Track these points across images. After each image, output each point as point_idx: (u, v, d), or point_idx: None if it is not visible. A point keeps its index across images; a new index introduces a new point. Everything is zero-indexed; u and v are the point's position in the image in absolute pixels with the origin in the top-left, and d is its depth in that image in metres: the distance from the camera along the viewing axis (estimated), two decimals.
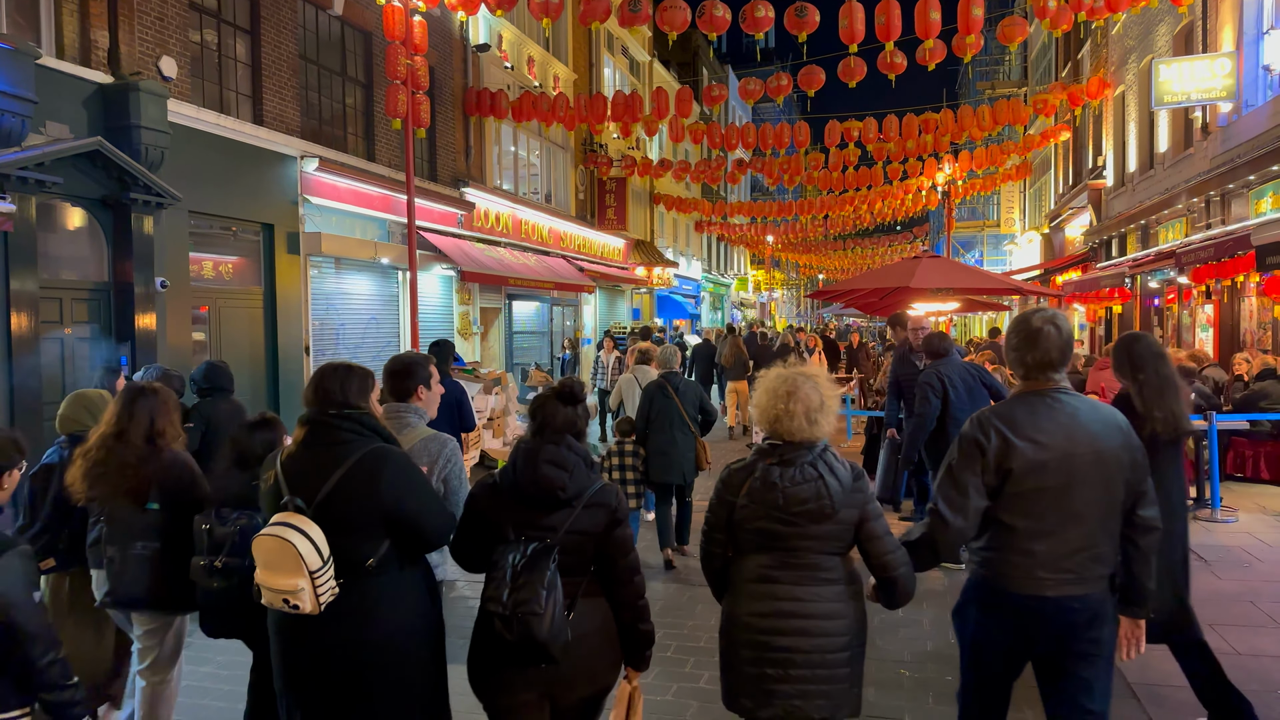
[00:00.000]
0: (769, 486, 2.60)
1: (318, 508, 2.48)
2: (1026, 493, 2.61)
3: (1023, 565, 2.64)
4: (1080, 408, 2.67)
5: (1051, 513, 2.61)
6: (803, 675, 2.59)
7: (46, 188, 8.08)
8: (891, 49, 13.11)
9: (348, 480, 2.50)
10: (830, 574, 2.63)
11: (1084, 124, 23.04)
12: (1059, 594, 2.61)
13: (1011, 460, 2.59)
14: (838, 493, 2.58)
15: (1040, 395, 2.68)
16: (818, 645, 2.59)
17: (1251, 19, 12.53)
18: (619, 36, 25.62)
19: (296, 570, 2.37)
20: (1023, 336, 2.70)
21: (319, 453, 2.56)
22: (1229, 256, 10.61)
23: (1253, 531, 7.22)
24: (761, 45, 49.88)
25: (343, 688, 2.49)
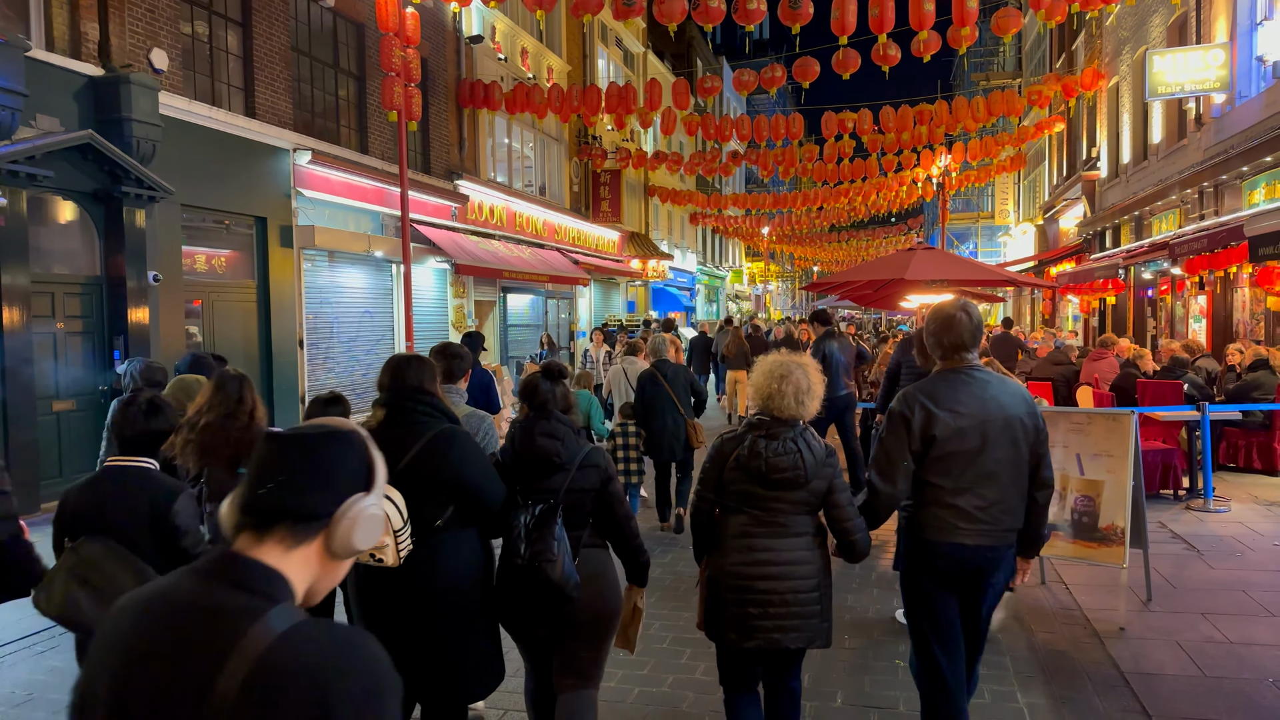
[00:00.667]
0: (754, 455, 3.02)
1: (397, 477, 2.80)
2: (948, 455, 3.04)
3: (946, 518, 3.07)
4: (990, 382, 3.12)
5: (969, 471, 3.04)
6: (779, 612, 3.03)
7: (37, 181, 8.03)
8: (885, 40, 13.09)
9: (422, 455, 2.93)
10: (800, 529, 3.09)
11: (1078, 115, 23.05)
12: (976, 543, 3.07)
13: (934, 428, 3.02)
14: (811, 465, 3.01)
15: (957, 372, 3.12)
16: (791, 587, 3.04)
17: (1245, 10, 12.55)
18: (613, 28, 25.53)
19: (384, 529, 2.56)
20: (940, 323, 3.13)
21: (397, 431, 2.97)
22: (1222, 248, 10.65)
23: (1245, 521, 7.26)
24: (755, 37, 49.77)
25: (414, 626, 2.94)
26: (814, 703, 4.15)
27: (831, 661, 4.60)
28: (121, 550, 2.94)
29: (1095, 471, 5.27)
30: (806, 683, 4.34)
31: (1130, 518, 5.11)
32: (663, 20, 12.76)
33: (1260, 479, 8.90)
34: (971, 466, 3.04)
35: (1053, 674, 4.43)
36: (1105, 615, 5.15)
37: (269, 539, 1.30)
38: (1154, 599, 5.41)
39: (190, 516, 3.08)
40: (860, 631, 5.06)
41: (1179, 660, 4.55)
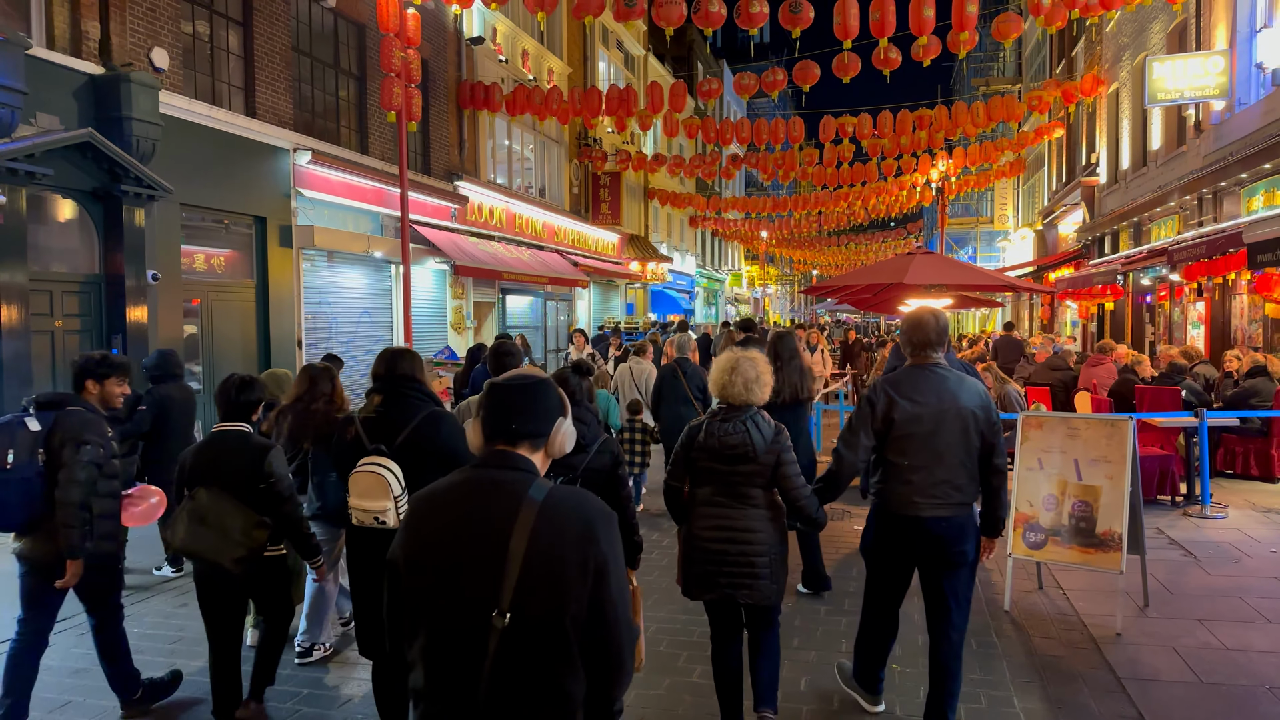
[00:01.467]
0: (710, 435, 3.56)
1: (395, 451, 3.39)
2: (905, 437, 3.55)
3: (904, 492, 3.58)
4: (949, 377, 3.61)
5: (923, 452, 3.54)
6: (733, 571, 3.53)
7: (36, 179, 8.03)
8: (886, 45, 13.11)
9: (416, 432, 3.43)
10: (756, 501, 3.56)
11: (1078, 121, 23.09)
12: (930, 515, 3.56)
13: (894, 413, 3.55)
14: (759, 443, 3.50)
15: (922, 368, 3.64)
16: (742, 551, 3.53)
17: (1245, 17, 12.57)
18: (614, 30, 25.56)
19: (385, 495, 3.31)
20: (911, 325, 3.68)
21: (394, 413, 3.48)
22: (1220, 254, 10.66)
23: (1242, 527, 7.26)
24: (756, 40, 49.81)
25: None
26: (810, 706, 4.15)
27: (828, 666, 4.60)
28: (227, 496, 3.70)
29: (1093, 477, 5.27)
30: (802, 686, 4.36)
31: (1128, 523, 5.11)
32: (661, 23, 12.77)
33: (1258, 486, 8.91)
34: (925, 448, 3.54)
35: (1050, 679, 4.42)
36: (1102, 621, 5.14)
37: (519, 447, 1.97)
38: (1151, 605, 5.41)
39: (281, 465, 3.85)
40: None
41: (1176, 666, 4.55)
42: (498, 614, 1.77)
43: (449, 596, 1.81)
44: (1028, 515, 5.45)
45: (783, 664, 3.98)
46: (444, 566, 1.83)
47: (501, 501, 1.85)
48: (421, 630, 1.84)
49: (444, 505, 1.90)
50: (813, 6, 12.64)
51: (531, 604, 1.78)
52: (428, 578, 1.84)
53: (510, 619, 1.76)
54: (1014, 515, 5.51)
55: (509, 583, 1.78)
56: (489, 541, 1.81)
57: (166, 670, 4.45)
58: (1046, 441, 5.47)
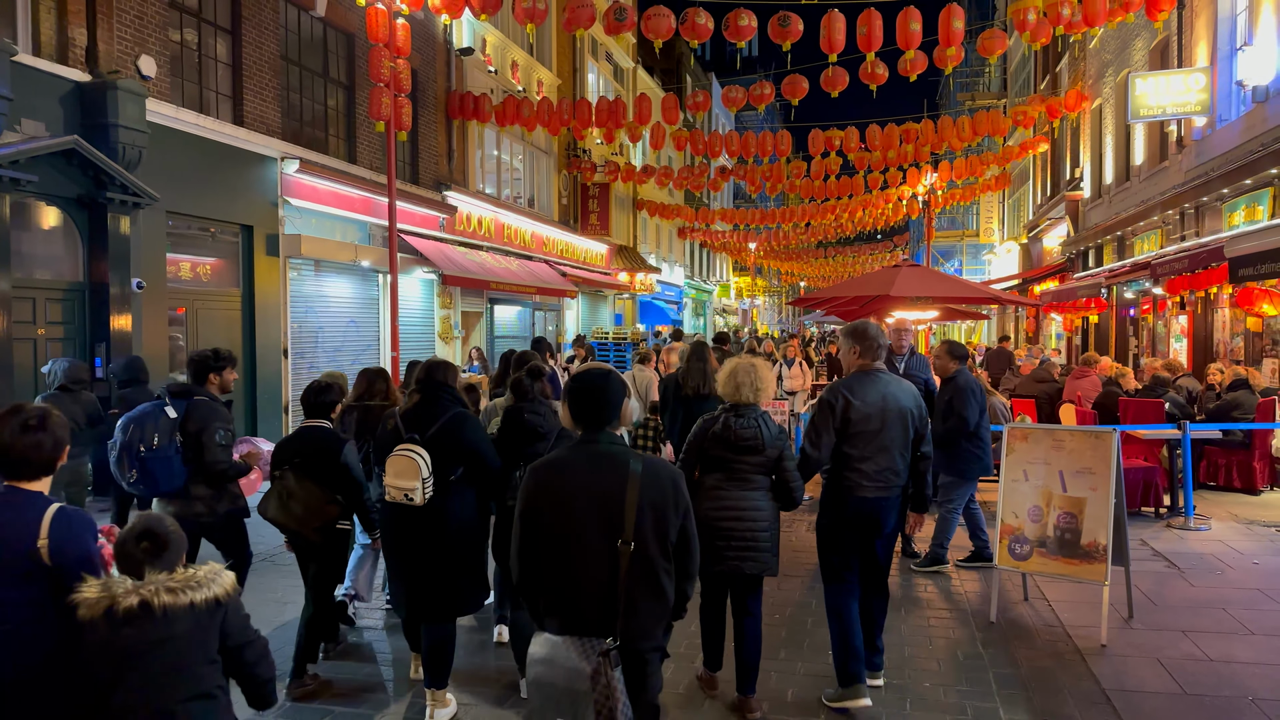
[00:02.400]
0: (727, 428, 4.06)
1: (426, 442, 4.03)
2: (858, 433, 4.19)
3: (854, 478, 4.22)
4: (890, 381, 4.30)
5: (871, 445, 4.20)
6: (738, 545, 4.03)
7: (21, 186, 7.96)
8: (873, 59, 13.22)
9: (444, 428, 4.08)
10: (757, 485, 4.10)
11: (1062, 136, 23.33)
12: (874, 496, 4.22)
13: (850, 412, 4.19)
14: (768, 437, 4.06)
15: (867, 373, 4.30)
16: (747, 528, 4.04)
17: (1225, 35, 12.76)
18: (603, 42, 25.66)
19: (415, 476, 3.93)
20: (857, 337, 4.35)
21: (427, 410, 4.15)
22: (1203, 268, 10.77)
23: (1225, 539, 7.32)
24: (744, 54, 50.12)
25: (430, 551, 4.06)
26: (797, 719, 4.14)
27: (815, 673, 4.59)
28: (308, 480, 4.44)
29: (1078, 489, 5.30)
30: (789, 697, 4.36)
31: (1112, 535, 5.14)
32: (650, 36, 12.84)
33: (1240, 497, 8.98)
34: (873, 441, 4.19)
35: (1036, 691, 4.43)
36: (1087, 632, 5.16)
37: (608, 428, 2.79)
38: (1135, 616, 5.43)
39: (352, 456, 4.61)
40: None
41: (1160, 677, 4.57)
42: (622, 542, 2.64)
43: (589, 532, 2.66)
44: (1013, 527, 5.47)
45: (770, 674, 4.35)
46: (579, 513, 2.67)
47: (615, 468, 2.71)
48: (557, 555, 2.69)
49: (570, 470, 2.74)
50: (801, 20, 12.74)
51: (646, 535, 2.68)
52: (567, 521, 2.67)
53: (634, 546, 2.65)
54: (1000, 527, 5.53)
55: (630, 522, 2.64)
56: (612, 496, 2.67)
57: None
58: (1032, 453, 5.50)
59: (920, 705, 4.29)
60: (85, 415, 6.51)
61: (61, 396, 6.44)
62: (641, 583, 2.69)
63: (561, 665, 2.63)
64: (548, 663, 2.66)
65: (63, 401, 6.45)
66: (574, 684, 2.58)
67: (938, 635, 5.23)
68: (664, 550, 2.72)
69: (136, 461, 4.43)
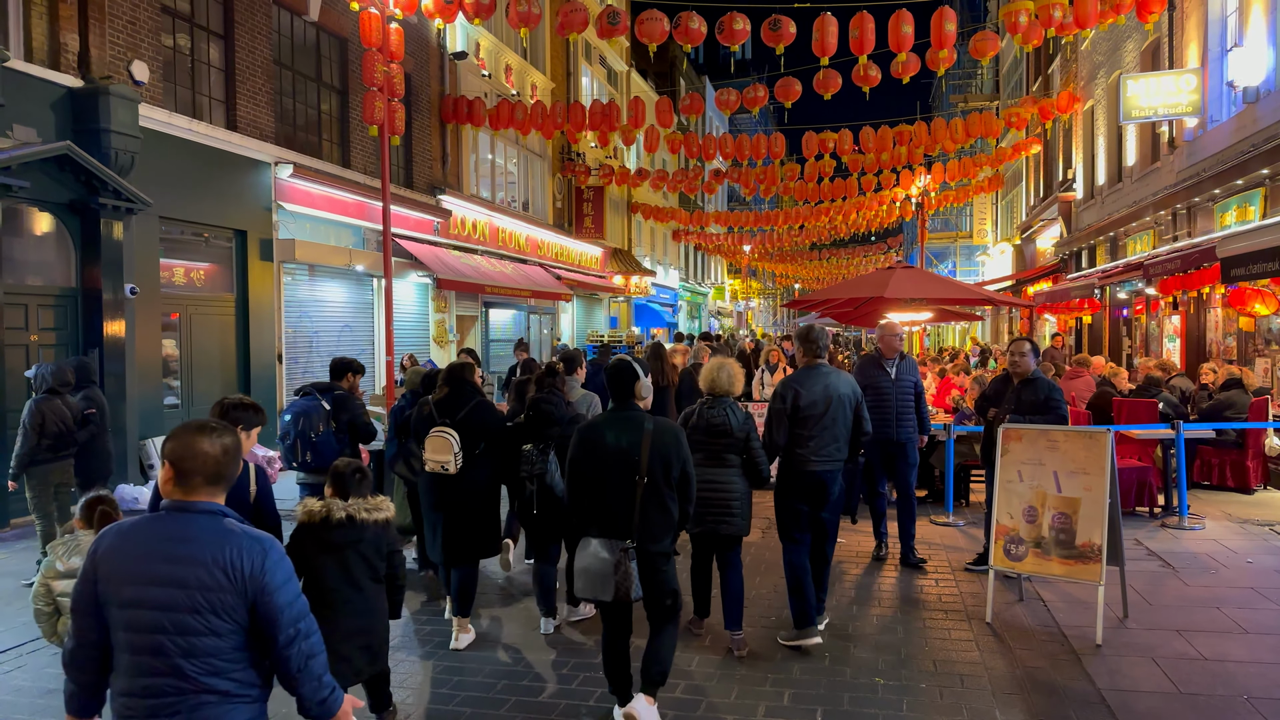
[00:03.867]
0: (701, 416, 4.96)
1: (456, 424, 5.12)
2: (806, 417, 5.13)
3: (803, 454, 5.14)
4: (830, 373, 5.27)
5: (816, 426, 5.14)
6: (716, 511, 4.92)
7: (13, 192, 7.94)
8: (865, 62, 13.25)
9: (469, 412, 5.20)
10: (731, 463, 4.95)
11: (1054, 137, 23.41)
12: (819, 469, 5.15)
13: (799, 401, 5.14)
14: (735, 423, 4.89)
15: (813, 368, 5.29)
16: (722, 498, 4.92)
17: (1216, 37, 12.82)
18: (597, 46, 25.68)
19: (448, 451, 5.03)
20: (804, 340, 5.40)
21: (455, 400, 5.24)
22: (1195, 268, 10.80)
23: (1218, 538, 7.34)
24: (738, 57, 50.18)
25: (460, 507, 5.16)
26: None
27: (813, 676, 4.60)
28: (413, 444, 5.48)
29: (1072, 489, 5.31)
30: (786, 700, 4.36)
31: (1107, 535, 5.15)
32: (644, 40, 12.85)
33: (1234, 496, 9.01)
34: (818, 424, 5.14)
35: (1030, 691, 4.44)
36: (1082, 632, 5.17)
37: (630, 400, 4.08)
38: (1130, 616, 5.45)
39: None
40: (842, 648, 5.06)
41: (1155, 677, 4.58)
42: (639, 477, 3.89)
43: (617, 470, 3.91)
44: (1008, 527, 5.48)
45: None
46: (610, 458, 3.93)
47: (634, 427, 3.98)
48: (596, 486, 3.95)
49: (604, 429, 4.01)
50: (794, 23, 12.77)
51: (655, 472, 3.91)
52: (603, 463, 3.94)
53: (646, 479, 3.89)
54: (995, 527, 5.54)
55: (644, 463, 3.89)
56: (632, 445, 3.92)
57: None
58: (1026, 454, 5.51)
59: (916, 706, 4.29)
60: (73, 417, 6.62)
61: (52, 399, 6.57)
62: (652, 505, 3.93)
63: (596, 557, 3.90)
64: (589, 556, 3.92)
65: (53, 405, 6.55)
66: (604, 569, 3.87)
67: (934, 635, 5.23)
68: (669, 483, 3.97)
69: (309, 446, 5.70)
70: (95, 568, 2.23)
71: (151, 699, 2.17)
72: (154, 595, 2.16)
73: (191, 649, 2.16)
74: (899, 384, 6.80)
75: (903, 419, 6.78)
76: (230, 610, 2.18)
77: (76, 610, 2.27)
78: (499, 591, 6.25)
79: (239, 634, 2.22)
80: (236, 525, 2.28)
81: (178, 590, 2.15)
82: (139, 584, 2.17)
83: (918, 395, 6.90)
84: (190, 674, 2.17)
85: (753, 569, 6.42)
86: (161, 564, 2.18)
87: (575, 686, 4.59)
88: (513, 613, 5.80)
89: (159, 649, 2.16)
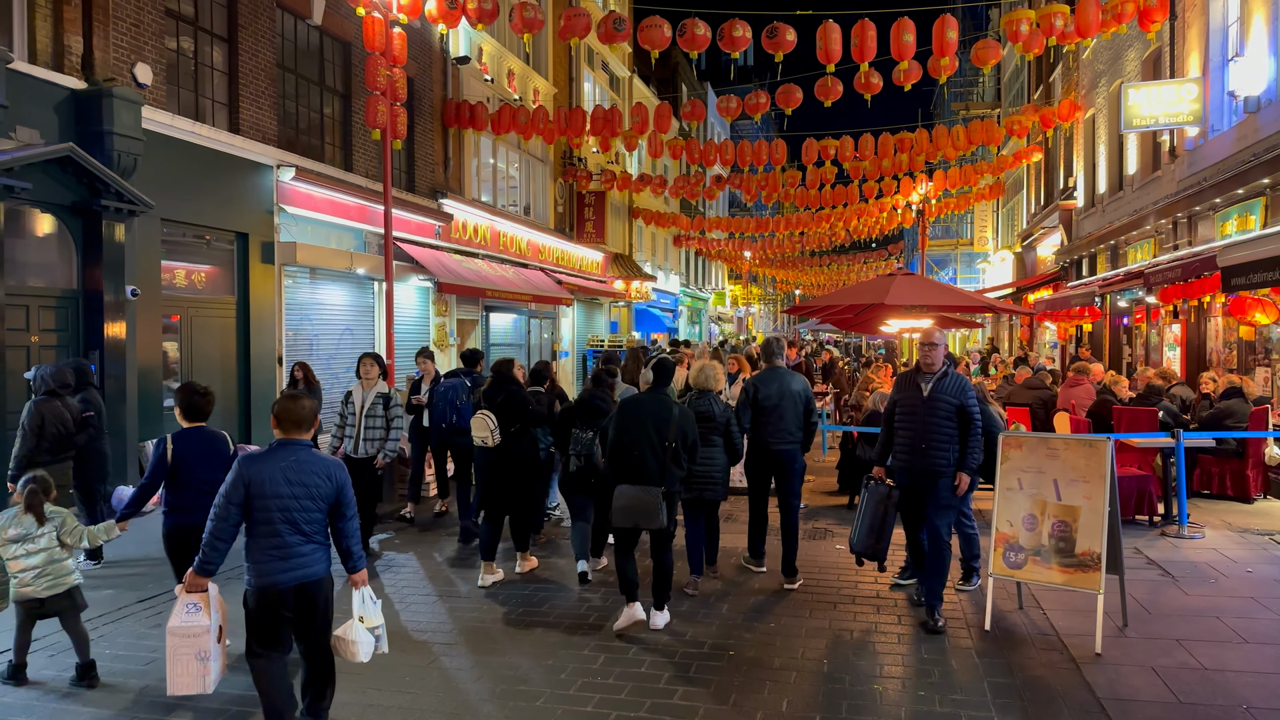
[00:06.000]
0: (690, 406, 6.17)
1: (496, 407, 6.59)
2: (765, 409, 6.58)
3: (765, 435, 6.60)
4: (785, 374, 6.70)
5: (774, 415, 6.58)
6: (702, 482, 6.33)
7: (15, 193, 7.95)
8: (867, 69, 13.28)
9: (507, 398, 6.63)
10: (714, 443, 6.34)
11: (1055, 145, 23.44)
12: (777, 448, 6.57)
13: (758, 395, 6.59)
14: (717, 412, 6.35)
15: (772, 370, 6.75)
16: (706, 471, 6.31)
17: (1217, 46, 12.84)
18: (599, 52, 25.73)
19: (488, 429, 6.52)
20: (764, 350, 7.07)
21: (497, 390, 6.69)
22: (1196, 277, 10.81)
23: (1218, 547, 7.33)
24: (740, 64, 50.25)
25: (506, 474, 6.61)
26: None
27: (812, 683, 4.59)
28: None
29: (1072, 497, 5.31)
30: (784, 707, 4.36)
31: (1106, 543, 5.14)
32: (647, 46, 12.89)
33: (1233, 506, 9.00)
34: (775, 413, 6.58)
35: (1030, 700, 4.43)
36: (1082, 641, 5.17)
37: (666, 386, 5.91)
38: (1130, 625, 5.44)
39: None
40: (841, 656, 5.05)
41: (1154, 686, 4.57)
42: (668, 442, 5.50)
43: (649, 437, 5.50)
44: (1008, 535, 5.48)
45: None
46: (644, 429, 5.52)
47: (666, 406, 5.61)
48: (629, 448, 5.51)
49: (643, 404, 5.68)
50: (795, 31, 12.80)
51: (676, 440, 5.52)
52: (637, 430, 5.52)
53: (673, 445, 5.50)
54: (994, 535, 5.53)
55: (672, 434, 5.50)
56: (662, 419, 5.53)
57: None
58: (1026, 462, 5.51)
59: (915, 714, 4.28)
60: (73, 418, 6.62)
61: (51, 401, 6.57)
62: (674, 463, 5.55)
63: (632, 496, 5.48)
64: (626, 495, 5.50)
65: (52, 406, 6.55)
66: (644, 501, 5.45)
67: (932, 644, 5.22)
68: (684, 448, 5.62)
69: (455, 411, 8.15)
70: (245, 478, 3.76)
71: (280, 552, 3.80)
72: (285, 491, 3.81)
73: (308, 520, 3.84)
74: (932, 404, 5.64)
75: (933, 446, 5.60)
76: (325, 498, 3.89)
77: (231, 504, 3.75)
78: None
79: (325, 512, 3.91)
80: (320, 453, 3.98)
81: (300, 488, 3.82)
82: (282, 487, 3.80)
83: (964, 420, 5.64)
84: (307, 533, 3.84)
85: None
86: (290, 474, 3.82)
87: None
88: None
89: (291, 522, 3.80)
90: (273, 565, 3.75)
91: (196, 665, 3.80)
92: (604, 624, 5.62)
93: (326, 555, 3.92)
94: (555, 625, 5.66)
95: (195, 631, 3.79)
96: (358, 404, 7.41)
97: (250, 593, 3.80)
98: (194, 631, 3.79)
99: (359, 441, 7.33)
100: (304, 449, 3.89)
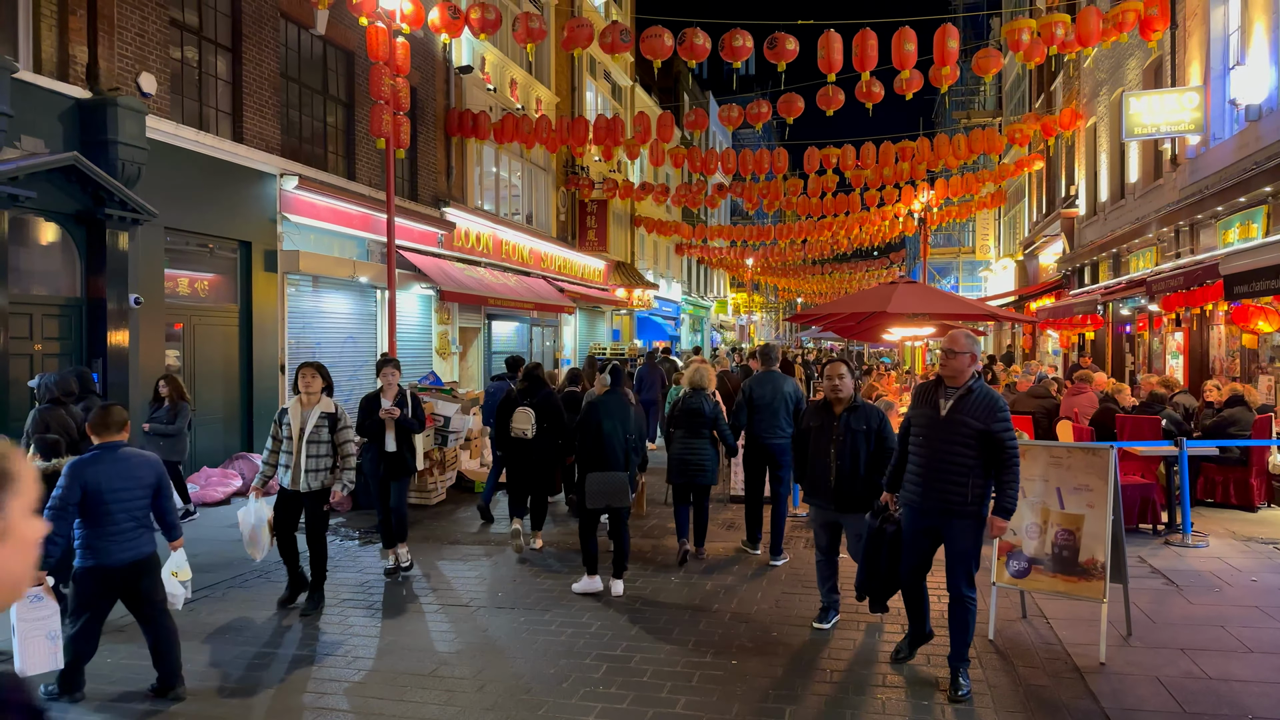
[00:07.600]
0: (685, 402, 7.49)
1: (531, 405, 7.67)
2: (758, 407, 7.45)
3: (758, 430, 7.44)
4: (777, 377, 7.63)
5: (766, 411, 7.43)
6: (693, 470, 7.38)
7: (19, 202, 7.98)
8: (868, 78, 13.31)
9: (538, 400, 7.74)
10: (705, 437, 7.43)
11: (1057, 154, 23.47)
12: (768, 442, 7.47)
13: (753, 395, 7.48)
14: (707, 408, 7.42)
15: (767, 372, 7.71)
16: (698, 459, 7.38)
17: (1218, 55, 12.87)
18: (601, 61, 25.82)
19: (528, 423, 7.62)
20: (760, 355, 8.34)
21: (531, 390, 7.81)
22: (1198, 285, 10.80)
23: (1223, 556, 7.31)
24: (741, 73, 50.41)
25: (533, 462, 7.74)
26: None
27: (817, 693, 4.57)
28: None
29: (1075, 505, 5.30)
30: (787, 717, 4.34)
31: (1110, 552, 5.13)
32: (649, 56, 12.93)
33: (1237, 514, 8.98)
34: (768, 410, 7.41)
35: (1034, 709, 4.41)
36: (1086, 650, 5.15)
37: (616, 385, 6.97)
38: (1134, 634, 5.42)
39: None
40: (846, 666, 5.03)
41: (1159, 696, 4.55)
42: (629, 435, 6.63)
43: (615, 430, 6.57)
44: (1011, 544, 5.46)
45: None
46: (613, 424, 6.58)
47: (623, 405, 6.73)
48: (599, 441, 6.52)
49: (607, 405, 6.68)
50: (797, 41, 12.84)
51: (635, 433, 6.72)
52: (608, 425, 6.55)
53: (631, 439, 6.64)
54: (998, 544, 5.52)
55: (633, 427, 6.70)
56: (625, 416, 6.68)
57: None
58: (1030, 470, 5.50)
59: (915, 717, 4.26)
60: (76, 426, 6.65)
61: (55, 409, 6.59)
62: (634, 452, 6.63)
63: (603, 480, 6.42)
64: (599, 480, 6.42)
65: (56, 414, 6.58)
66: (616, 483, 6.42)
67: (936, 652, 5.20)
68: (640, 441, 6.75)
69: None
70: (80, 479, 4.40)
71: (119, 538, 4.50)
72: (121, 486, 4.51)
73: (140, 508, 4.58)
74: (950, 426, 4.61)
75: (944, 478, 4.60)
76: (150, 485, 4.62)
77: (68, 504, 4.36)
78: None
79: (150, 497, 4.65)
80: (135, 449, 4.73)
81: (132, 480, 4.55)
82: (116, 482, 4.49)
83: (993, 448, 4.56)
84: (139, 519, 4.58)
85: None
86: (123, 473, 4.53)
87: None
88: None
89: (127, 511, 4.51)
90: (110, 547, 4.44)
91: (47, 644, 4.25)
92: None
93: (153, 537, 4.66)
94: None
95: (44, 614, 4.25)
96: (295, 426, 6.07)
97: (83, 571, 4.45)
98: (43, 614, 4.25)
99: (299, 472, 5.97)
100: (124, 447, 4.61)
